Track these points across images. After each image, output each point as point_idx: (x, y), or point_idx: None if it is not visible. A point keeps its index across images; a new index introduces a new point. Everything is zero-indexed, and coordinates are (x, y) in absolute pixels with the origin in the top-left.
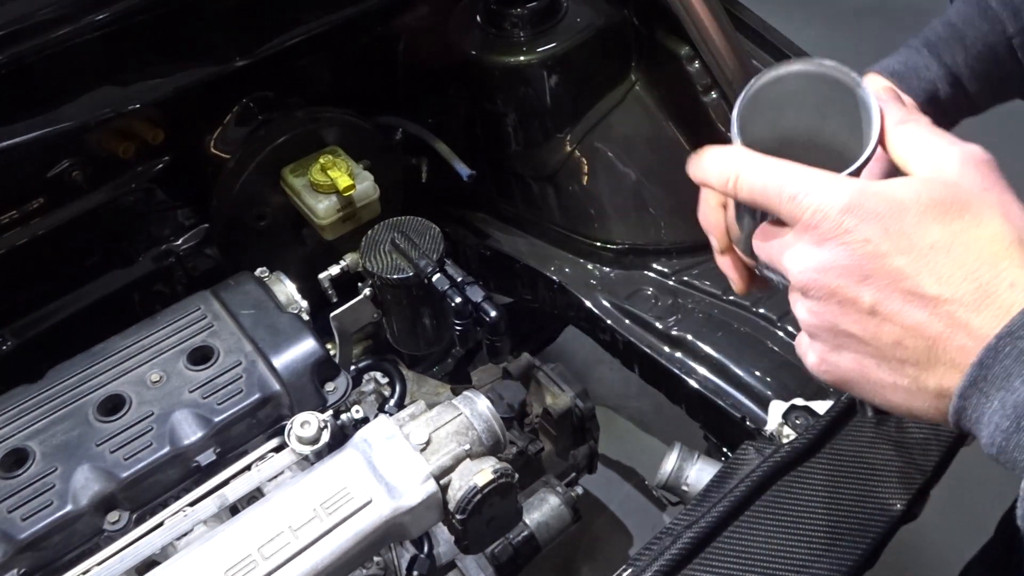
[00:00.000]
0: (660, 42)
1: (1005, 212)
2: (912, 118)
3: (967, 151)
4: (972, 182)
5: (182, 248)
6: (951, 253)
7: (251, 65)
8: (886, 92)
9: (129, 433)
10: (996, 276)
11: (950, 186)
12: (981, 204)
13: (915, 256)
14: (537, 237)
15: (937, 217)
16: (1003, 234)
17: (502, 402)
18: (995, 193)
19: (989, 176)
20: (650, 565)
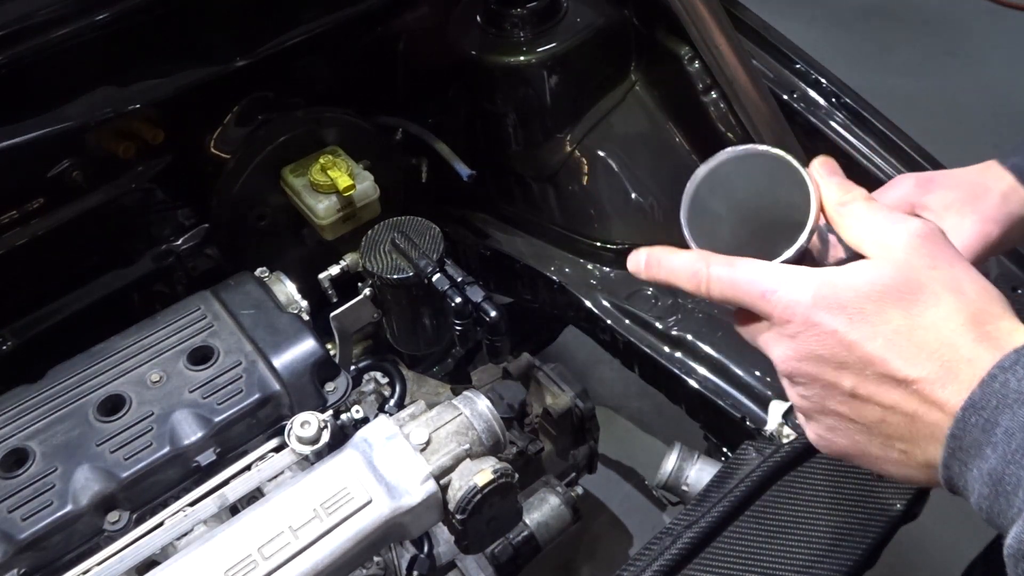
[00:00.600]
0: (660, 42)
1: (956, 287)
2: (851, 197)
3: (911, 228)
4: (921, 261)
5: (182, 248)
6: (912, 337)
7: (251, 65)
8: (824, 167)
9: (129, 433)
10: (956, 353)
11: (902, 269)
12: (933, 284)
13: (881, 342)
14: (537, 237)
15: (894, 303)
16: (956, 312)
17: (502, 402)
18: (944, 269)
19: (936, 251)
20: (650, 565)
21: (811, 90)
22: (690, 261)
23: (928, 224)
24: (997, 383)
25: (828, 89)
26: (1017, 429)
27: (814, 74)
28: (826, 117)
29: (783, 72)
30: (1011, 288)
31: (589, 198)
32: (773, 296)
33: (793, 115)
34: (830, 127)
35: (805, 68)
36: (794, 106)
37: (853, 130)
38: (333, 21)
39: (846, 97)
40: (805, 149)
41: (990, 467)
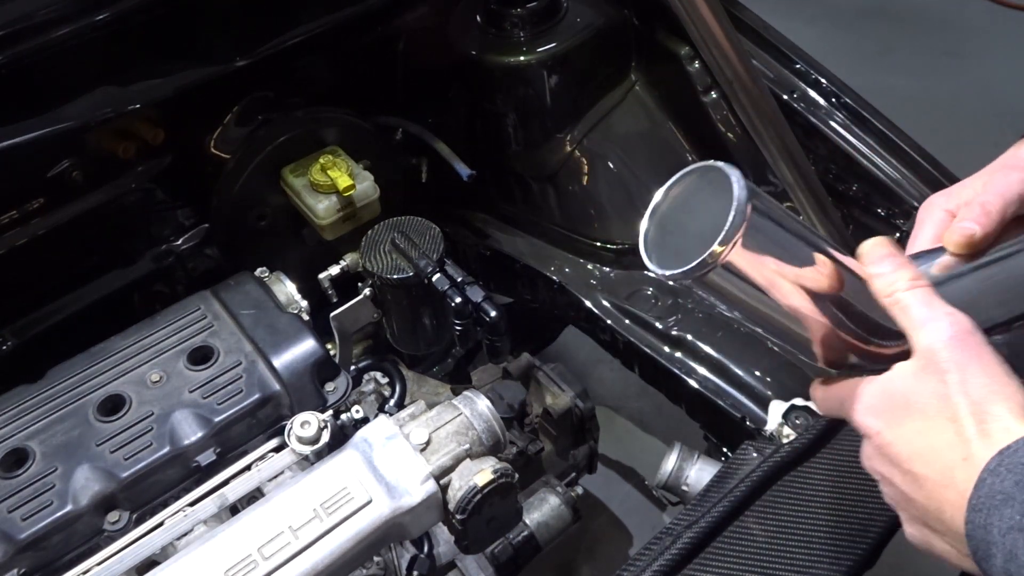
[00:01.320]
0: (660, 42)
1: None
2: (897, 287)
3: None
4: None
5: (182, 248)
6: (929, 438)
7: (251, 65)
8: (877, 249)
9: (129, 433)
10: (956, 456)
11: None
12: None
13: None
14: (537, 237)
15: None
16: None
17: (502, 402)
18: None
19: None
20: (650, 565)
21: (811, 90)
22: (815, 391)
23: (955, 326)
24: (985, 486)
25: (828, 89)
26: (1007, 530)
27: (814, 74)
28: (826, 117)
29: (783, 72)
30: None
31: (589, 198)
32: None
33: (793, 115)
34: (830, 127)
35: (805, 68)
36: (794, 106)
37: (853, 130)
38: (333, 21)
39: (846, 97)
40: (805, 149)
41: (1000, 566)
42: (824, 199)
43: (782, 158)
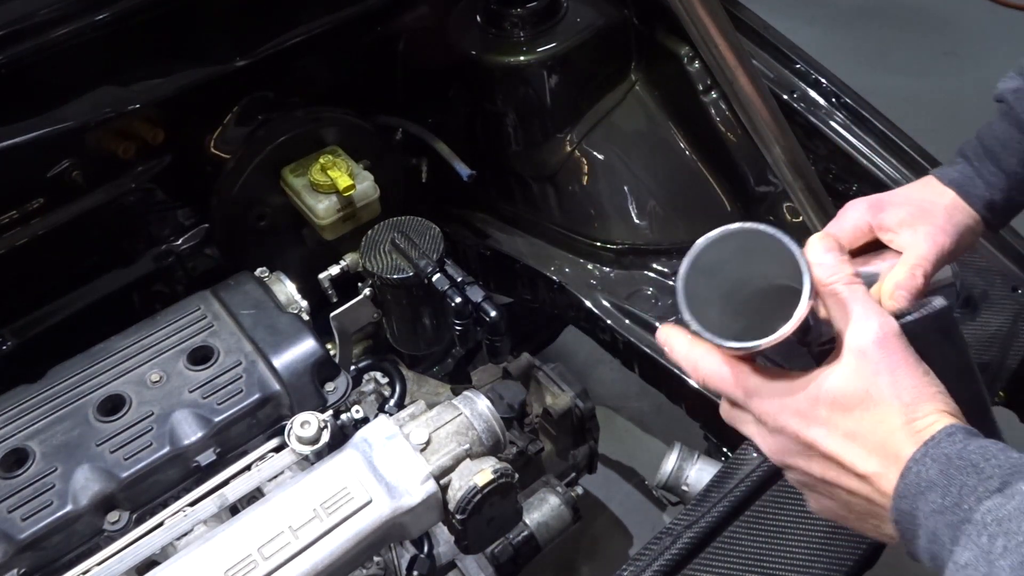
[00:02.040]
0: (660, 42)
1: (895, 390)
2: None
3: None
4: (870, 368)
5: (182, 248)
6: (857, 438)
7: (251, 65)
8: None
9: (129, 433)
10: (887, 451)
11: (851, 378)
12: (875, 389)
13: (834, 442)
14: (537, 237)
15: (843, 410)
16: (892, 413)
17: (502, 402)
18: (886, 375)
19: (885, 354)
20: (650, 565)
21: (811, 90)
22: (685, 347)
23: (884, 328)
24: (911, 474)
25: (828, 89)
26: (930, 514)
27: (814, 74)
28: (826, 117)
29: (783, 72)
30: (1011, 288)
31: (589, 198)
32: (750, 403)
33: (793, 115)
34: (830, 127)
35: (805, 68)
36: (794, 106)
37: (853, 130)
38: (333, 21)
39: (846, 97)
40: (805, 149)
41: (923, 546)
42: (824, 199)
43: (782, 158)
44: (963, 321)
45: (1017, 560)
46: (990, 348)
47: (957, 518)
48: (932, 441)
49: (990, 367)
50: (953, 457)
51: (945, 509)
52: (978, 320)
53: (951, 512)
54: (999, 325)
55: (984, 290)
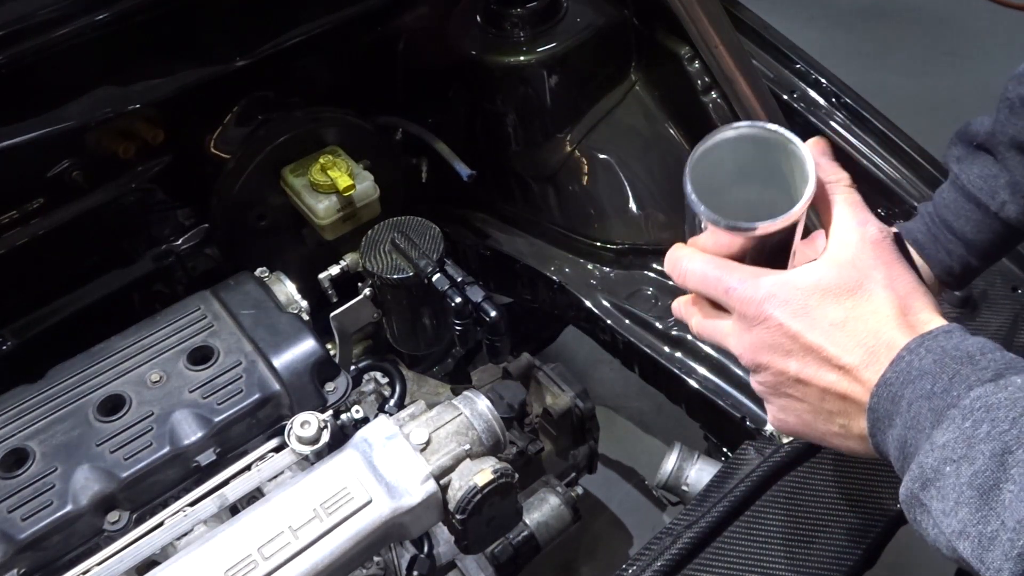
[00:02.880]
0: (660, 42)
1: (890, 284)
2: (835, 179)
3: (867, 234)
4: (865, 262)
5: (182, 248)
6: (846, 327)
7: (251, 65)
8: (816, 147)
9: (129, 433)
10: (879, 341)
11: (844, 268)
12: (869, 282)
13: (819, 332)
14: (537, 237)
15: (834, 299)
16: (886, 305)
17: (502, 402)
18: (881, 269)
19: (881, 254)
20: (650, 565)
21: (811, 90)
22: (673, 253)
23: (882, 232)
24: (904, 362)
25: (828, 89)
26: (915, 399)
27: (814, 74)
28: (826, 117)
29: (783, 72)
30: (1011, 288)
31: (589, 198)
32: (734, 293)
33: (793, 115)
34: (830, 127)
35: (805, 68)
36: (794, 106)
37: (853, 130)
38: (333, 21)
39: (846, 97)
40: None
41: (897, 433)
42: None
43: None
44: (963, 321)
45: (998, 447)
46: None
47: (944, 403)
48: (930, 334)
49: None
50: (949, 349)
51: (933, 395)
52: (978, 320)
53: (939, 398)
54: (999, 325)
55: (984, 290)
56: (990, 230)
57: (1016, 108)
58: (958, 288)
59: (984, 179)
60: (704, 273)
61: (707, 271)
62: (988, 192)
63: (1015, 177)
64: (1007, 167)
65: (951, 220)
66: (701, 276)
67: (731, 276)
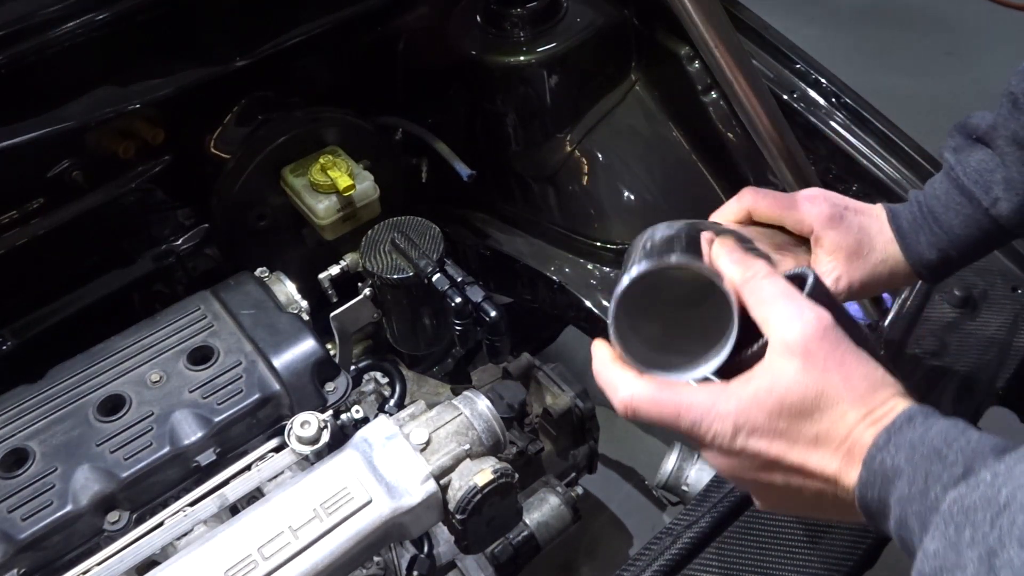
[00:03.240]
0: (660, 42)
1: (847, 383)
2: (752, 273)
3: (806, 328)
4: (817, 364)
5: (182, 248)
6: (820, 442)
7: (251, 65)
8: (723, 247)
9: (129, 433)
10: (852, 442)
11: (801, 376)
12: (829, 388)
13: (798, 452)
14: (537, 237)
15: (801, 416)
16: (852, 409)
17: (502, 402)
18: (835, 370)
19: (828, 348)
20: (650, 565)
21: (811, 90)
22: (615, 379)
23: (820, 319)
24: (876, 462)
25: (828, 89)
26: (898, 502)
27: (814, 74)
28: (826, 117)
29: (783, 72)
30: (1011, 288)
31: (589, 198)
32: (700, 427)
33: (793, 115)
34: (830, 127)
35: (805, 68)
36: (794, 106)
37: (853, 130)
38: (333, 21)
39: (846, 97)
40: (805, 149)
41: (893, 529)
42: None
43: (782, 158)
44: (963, 321)
45: (984, 550)
46: (990, 348)
47: (924, 507)
48: (893, 427)
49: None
50: (916, 443)
51: (912, 498)
52: (978, 320)
53: (918, 501)
54: (999, 325)
55: (984, 290)
56: (977, 226)
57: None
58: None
59: (980, 172)
60: (660, 410)
61: (661, 407)
62: (983, 186)
63: (1011, 173)
64: (1004, 162)
65: (939, 212)
66: (651, 403)
67: (690, 409)
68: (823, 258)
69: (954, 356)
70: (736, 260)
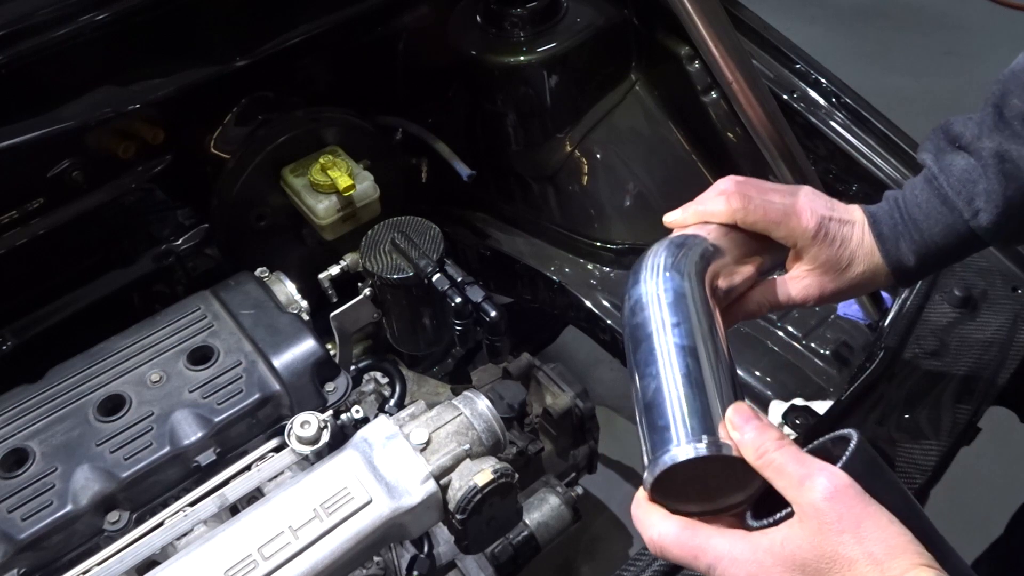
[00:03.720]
0: (660, 42)
1: (863, 550)
2: (765, 447)
3: (820, 491)
4: (832, 526)
5: (182, 248)
6: None
7: (251, 65)
8: (738, 417)
9: (129, 433)
10: None
11: (816, 537)
12: (845, 550)
13: None
14: (537, 237)
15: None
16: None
17: (502, 402)
18: (850, 533)
19: (843, 512)
20: (650, 565)
21: (811, 90)
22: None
23: (833, 481)
24: None
25: (828, 89)
26: None
27: (814, 74)
28: (826, 117)
29: (783, 72)
30: (1011, 288)
31: (589, 198)
32: (715, 572)
33: (793, 115)
34: (830, 127)
35: (805, 68)
36: (794, 106)
37: (853, 130)
38: (333, 21)
39: (846, 97)
40: (805, 149)
41: None
42: None
43: (782, 158)
44: (963, 321)
45: None
46: (990, 348)
47: None
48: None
49: (989, 367)
50: None
51: None
52: (978, 320)
53: None
54: (999, 325)
55: (984, 290)
56: (956, 235)
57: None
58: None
59: (963, 183)
60: (677, 540)
61: (681, 538)
62: (965, 197)
63: (992, 185)
64: (987, 174)
65: (920, 219)
66: (674, 542)
67: (706, 552)
68: (801, 268)
69: (954, 356)
70: (748, 441)
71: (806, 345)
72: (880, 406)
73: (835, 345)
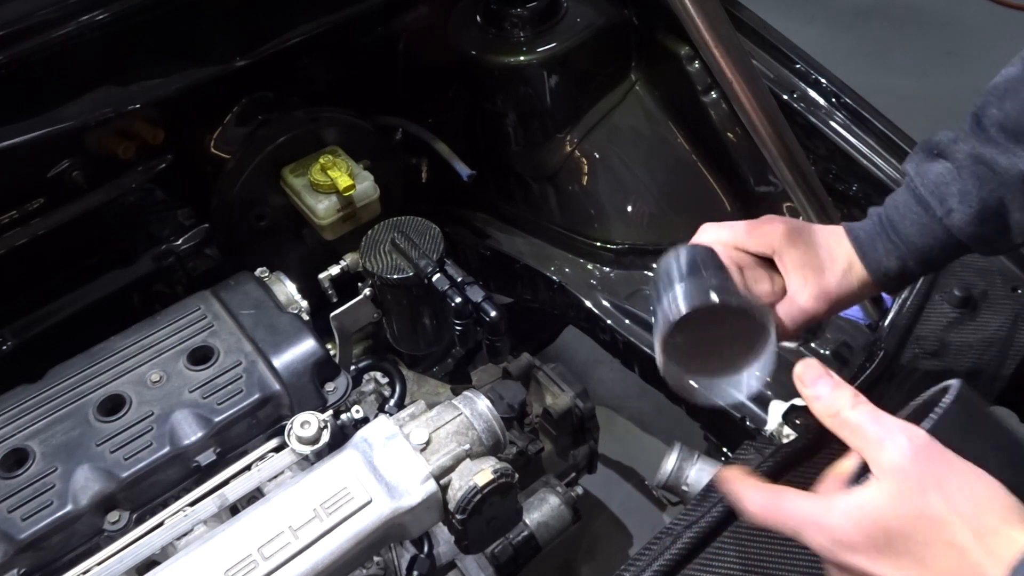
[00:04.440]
0: (660, 42)
1: (953, 508)
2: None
3: (903, 449)
4: (917, 485)
5: (182, 248)
6: (927, 565)
7: (251, 65)
8: (808, 373)
9: (129, 433)
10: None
11: (901, 504)
12: (932, 511)
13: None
14: (537, 237)
15: (904, 538)
16: (959, 534)
17: (502, 402)
18: (935, 492)
19: (928, 470)
20: (650, 565)
21: (811, 90)
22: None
23: (915, 440)
24: None
25: (828, 89)
26: None
27: (814, 74)
28: (826, 117)
29: (783, 72)
30: (1011, 288)
31: (589, 198)
32: (802, 537)
33: (793, 115)
34: (830, 127)
35: (805, 68)
36: (794, 106)
37: (853, 130)
38: (333, 21)
39: (846, 97)
40: (805, 149)
41: None
42: (824, 199)
43: (782, 158)
44: (963, 321)
45: None
46: (989, 348)
47: None
48: (1022, 565)
49: (989, 367)
50: None
51: None
52: (978, 320)
53: None
54: (999, 325)
55: (984, 290)
56: (932, 235)
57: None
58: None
59: (937, 184)
60: (766, 514)
61: (767, 505)
62: (938, 196)
63: (966, 186)
64: (961, 175)
65: (897, 220)
66: (763, 518)
67: (791, 518)
68: (792, 275)
69: (954, 356)
70: (820, 395)
71: (806, 345)
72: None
73: (835, 345)
